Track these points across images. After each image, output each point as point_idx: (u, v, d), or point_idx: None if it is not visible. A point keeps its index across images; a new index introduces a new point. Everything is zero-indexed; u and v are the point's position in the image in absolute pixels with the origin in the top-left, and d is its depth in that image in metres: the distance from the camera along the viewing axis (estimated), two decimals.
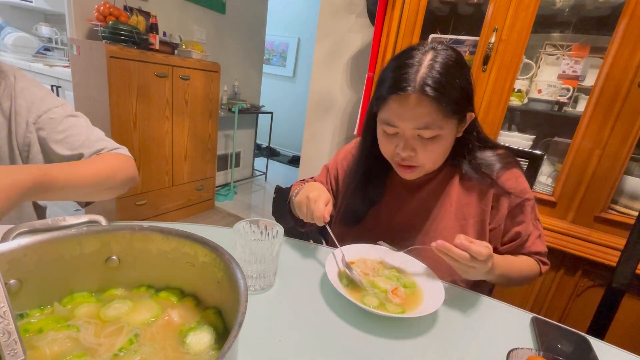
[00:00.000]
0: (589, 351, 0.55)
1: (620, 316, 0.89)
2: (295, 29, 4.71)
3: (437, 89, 0.62)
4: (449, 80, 0.64)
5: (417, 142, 0.68)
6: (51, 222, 0.41)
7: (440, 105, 0.63)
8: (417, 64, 0.64)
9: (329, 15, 1.84)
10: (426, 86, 0.62)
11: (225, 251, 0.39)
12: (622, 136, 1.10)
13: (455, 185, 0.78)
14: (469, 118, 0.71)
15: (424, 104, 0.63)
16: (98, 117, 2.02)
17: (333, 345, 0.51)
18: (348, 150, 0.93)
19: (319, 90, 1.97)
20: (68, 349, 0.35)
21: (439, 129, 0.65)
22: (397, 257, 0.72)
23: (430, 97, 0.62)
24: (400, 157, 0.70)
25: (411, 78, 0.63)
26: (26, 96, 0.74)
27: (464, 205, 0.77)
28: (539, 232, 0.77)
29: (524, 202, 0.75)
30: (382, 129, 0.72)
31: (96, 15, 1.98)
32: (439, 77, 0.63)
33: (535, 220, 0.77)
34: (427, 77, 0.63)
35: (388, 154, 0.74)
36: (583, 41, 1.31)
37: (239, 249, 0.59)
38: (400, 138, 0.69)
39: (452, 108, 0.64)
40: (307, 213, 0.71)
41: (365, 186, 0.83)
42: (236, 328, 0.28)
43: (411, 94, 0.63)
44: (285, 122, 4.96)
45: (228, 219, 2.83)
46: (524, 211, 0.75)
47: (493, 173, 0.75)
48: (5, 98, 0.72)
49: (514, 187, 0.75)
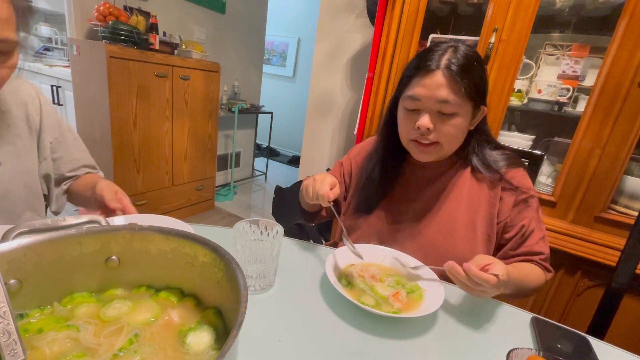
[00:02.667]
0: (588, 351, 0.55)
1: (620, 316, 0.89)
2: (295, 29, 4.71)
3: (461, 68, 0.68)
4: (470, 66, 0.70)
5: (436, 118, 0.71)
6: (51, 222, 0.41)
7: (462, 83, 0.68)
8: (442, 50, 0.71)
9: (328, 16, 1.84)
10: (451, 65, 0.69)
11: (225, 251, 0.39)
12: (622, 136, 1.10)
13: (467, 178, 0.81)
14: (482, 112, 0.76)
15: (448, 79, 0.69)
16: (98, 117, 2.02)
17: (333, 345, 0.51)
18: (362, 146, 0.95)
19: (319, 90, 1.97)
20: (68, 349, 0.35)
21: (458, 106, 0.70)
22: (396, 257, 0.72)
23: (454, 75, 0.68)
24: (419, 132, 0.72)
25: (436, 58, 0.70)
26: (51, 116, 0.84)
27: (475, 198, 0.79)
28: (542, 234, 0.77)
29: (529, 197, 0.77)
30: (403, 106, 0.75)
31: (96, 15, 1.98)
32: (462, 61, 0.69)
33: (539, 221, 0.78)
34: (452, 58, 0.69)
35: (407, 132, 0.76)
36: (583, 41, 1.31)
37: (239, 249, 0.59)
38: (420, 114, 0.72)
39: (471, 90, 0.69)
40: (312, 194, 0.73)
41: (379, 176, 0.85)
42: (236, 328, 0.28)
43: (436, 71, 0.69)
44: (285, 122, 4.96)
45: (228, 219, 2.83)
46: (528, 206, 0.77)
47: (500, 169, 0.78)
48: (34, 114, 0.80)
49: (520, 183, 0.77)
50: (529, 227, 0.76)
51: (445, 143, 0.73)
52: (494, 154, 0.81)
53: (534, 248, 0.76)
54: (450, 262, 0.59)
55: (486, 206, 0.78)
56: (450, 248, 0.77)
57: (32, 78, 2.57)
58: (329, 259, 0.67)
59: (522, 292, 0.72)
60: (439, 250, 0.77)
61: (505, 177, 0.77)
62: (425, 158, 0.76)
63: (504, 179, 0.77)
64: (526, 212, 0.77)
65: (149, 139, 2.22)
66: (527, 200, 0.77)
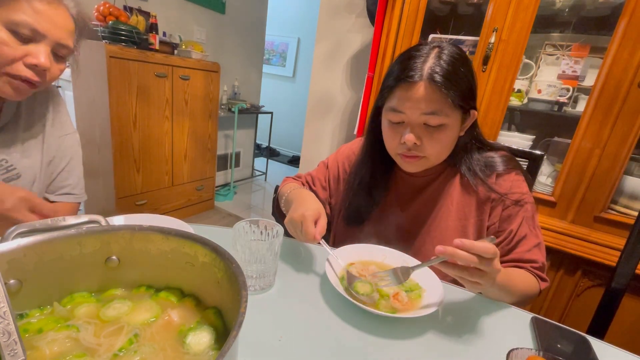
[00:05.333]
0: (588, 351, 0.55)
1: (620, 316, 0.89)
2: (295, 29, 4.71)
3: (445, 77, 0.64)
4: (456, 71, 0.65)
5: (423, 131, 0.68)
6: (51, 222, 0.41)
7: (448, 94, 0.64)
8: (424, 56, 0.66)
9: (328, 16, 1.84)
10: (434, 74, 0.64)
11: (225, 251, 0.39)
12: (622, 136, 1.10)
13: (456, 185, 0.79)
14: (472, 116, 0.72)
15: (432, 91, 0.64)
16: (98, 117, 2.02)
17: (333, 345, 0.51)
18: (351, 149, 0.92)
19: (318, 90, 1.97)
20: (68, 349, 0.35)
21: (446, 116, 0.66)
22: (397, 257, 0.72)
23: (438, 85, 0.63)
24: (406, 147, 0.69)
25: (418, 67, 0.65)
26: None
27: (465, 205, 0.78)
28: (537, 240, 0.74)
29: (521, 202, 0.74)
30: (387, 119, 0.72)
31: (96, 15, 1.98)
32: (446, 67, 0.64)
33: (533, 228, 0.75)
34: (435, 66, 0.64)
35: (392, 146, 0.73)
36: (583, 41, 1.31)
37: (239, 249, 0.59)
38: (406, 127, 0.69)
39: (458, 98, 0.65)
40: (299, 236, 0.68)
41: (368, 187, 0.83)
42: (236, 328, 0.28)
43: (419, 82, 0.65)
44: (285, 122, 4.96)
45: (228, 219, 2.83)
46: (520, 211, 0.74)
47: (492, 175, 0.75)
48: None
49: (511, 189, 0.74)
50: (517, 232, 0.73)
51: (434, 155, 0.71)
52: (487, 158, 0.78)
53: (524, 256, 0.73)
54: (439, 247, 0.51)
55: (476, 212, 0.77)
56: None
57: None
58: (329, 259, 0.67)
59: (511, 297, 0.67)
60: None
61: (496, 183, 0.75)
62: (413, 169, 0.74)
63: (490, 187, 0.74)
64: (516, 218, 0.74)
65: (149, 139, 2.22)
66: (518, 205, 0.74)
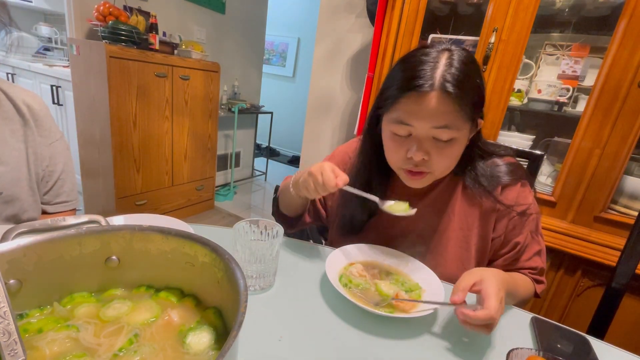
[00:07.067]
0: (588, 351, 0.55)
1: (620, 316, 0.89)
2: (295, 29, 4.71)
3: (458, 86, 0.58)
4: (468, 79, 0.60)
5: (431, 145, 0.63)
6: (51, 222, 0.41)
7: (462, 105, 0.59)
8: (433, 61, 0.60)
9: (328, 16, 1.84)
10: (447, 83, 0.58)
11: (225, 251, 0.39)
12: (622, 136, 1.10)
13: (458, 194, 0.75)
14: (479, 125, 0.68)
15: (445, 103, 0.59)
16: (98, 117, 2.02)
17: (333, 345, 0.51)
18: (346, 153, 0.87)
19: (318, 90, 1.97)
20: (68, 349, 0.35)
21: (457, 130, 0.61)
22: (397, 258, 0.72)
23: (452, 96, 0.58)
24: (413, 163, 0.64)
25: (429, 75, 0.59)
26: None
27: (468, 214, 0.74)
28: (539, 248, 0.74)
29: (525, 215, 0.72)
30: (391, 130, 0.66)
31: (96, 15, 1.98)
32: (459, 75, 0.59)
33: (537, 235, 0.74)
34: (447, 75, 0.58)
35: (397, 160, 0.67)
36: (583, 41, 1.31)
37: (238, 249, 0.59)
38: (413, 140, 0.63)
39: (470, 109, 0.61)
40: (318, 187, 0.64)
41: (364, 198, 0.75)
42: (236, 328, 0.28)
43: (430, 92, 0.58)
44: (285, 122, 4.95)
45: (228, 219, 2.83)
46: (526, 223, 0.72)
47: (498, 186, 0.72)
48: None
49: (517, 201, 0.72)
50: (522, 244, 0.72)
51: (440, 170, 0.66)
52: (492, 167, 0.73)
53: (525, 264, 0.74)
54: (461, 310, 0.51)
55: (480, 222, 0.73)
56: (440, 268, 0.71)
57: (32, 78, 2.57)
58: (329, 258, 0.67)
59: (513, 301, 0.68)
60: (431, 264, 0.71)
61: (502, 194, 0.72)
62: (418, 186, 0.69)
63: (496, 199, 0.71)
64: (522, 229, 0.72)
65: (149, 139, 2.22)
66: (522, 217, 0.72)
